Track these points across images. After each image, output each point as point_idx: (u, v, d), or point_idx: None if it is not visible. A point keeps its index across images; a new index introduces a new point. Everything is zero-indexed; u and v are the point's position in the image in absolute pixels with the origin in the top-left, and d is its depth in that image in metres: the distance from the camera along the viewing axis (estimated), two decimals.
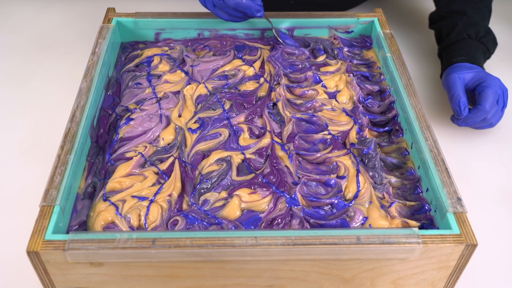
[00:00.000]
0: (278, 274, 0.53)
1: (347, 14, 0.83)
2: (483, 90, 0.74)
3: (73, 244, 0.50)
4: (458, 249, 0.51)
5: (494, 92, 0.73)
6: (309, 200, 0.59)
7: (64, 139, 0.60)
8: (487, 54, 0.86)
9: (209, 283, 0.54)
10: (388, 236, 0.51)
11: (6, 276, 0.62)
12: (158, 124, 0.67)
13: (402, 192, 0.62)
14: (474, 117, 0.74)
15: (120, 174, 0.61)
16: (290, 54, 0.80)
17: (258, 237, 0.51)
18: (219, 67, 0.77)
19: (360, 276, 0.54)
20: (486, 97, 0.73)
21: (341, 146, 0.66)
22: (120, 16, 0.81)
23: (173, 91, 0.73)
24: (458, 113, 0.74)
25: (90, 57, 0.72)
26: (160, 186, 0.60)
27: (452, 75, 0.77)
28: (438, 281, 0.55)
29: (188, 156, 0.64)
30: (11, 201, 0.70)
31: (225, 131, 0.67)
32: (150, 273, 0.53)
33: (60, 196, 0.54)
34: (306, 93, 0.73)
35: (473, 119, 0.74)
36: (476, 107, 0.74)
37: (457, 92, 0.75)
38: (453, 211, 0.54)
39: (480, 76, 0.76)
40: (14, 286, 0.61)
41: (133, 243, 0.50)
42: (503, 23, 1.08)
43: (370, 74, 0.76)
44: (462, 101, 0.74)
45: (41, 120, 0.82)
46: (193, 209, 0.58)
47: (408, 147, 0.65)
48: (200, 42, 0.82)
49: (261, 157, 0.65)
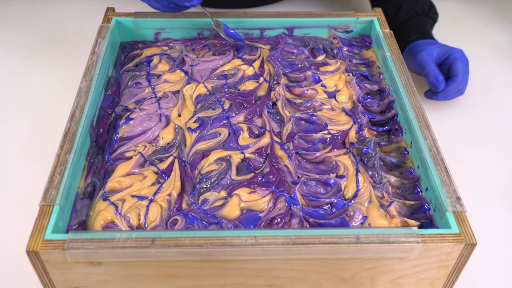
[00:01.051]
0: (277, 274, 0.53)
1: (346, 13, 0.83)
2: (453, 63, 0.80)
3: (72, 243, 0.50)
4: (457, 248, 0.51)
5: (463, 63, 0.80)
6: (309, 199, 0.59)
7: (64, 138, 0.60)
8: (433, 25, 0.91)
9: (209, 282, 0.54)
10: (388, 236, 0.51)
11: (6, 275, 0.62)
12: (158, 123, 0.67)
13: (401, 191, 0.62)
14: (452, 89, 0.79)
15: (120, 173, 0.61)
16: (289, 54, 0.80)
17: (257, 236, 0.51)
18: (218, 66, 0.77)
19: (359, 275, 0.54)
20: (458, 69, 0.79)
21: (341, 146, 0.66)
22: (120, 15, 0.81)
23: (173, 90, 0.73)
24: (437, 86, 0.79)
25: (90, 57, 0.72)
26: (159, 186, 0.60)
27: (421, 54, 0.82)
28: (438, 280, 0.55)
29: (188, 155, 0.64)
30: (10, 201, 0.70)
31: (224, 130, 0.67)
32: (150, 273, 0.53)
33: (60, 196, 0.54)
34: (305, 92, 0.73)
35: (451, 91, 0.80)
36: (452, 79, 0.79)
37: (431, 67, 0.80)
38: (452, 210, 0.54)
39: (445, 50, 0.82)
40: (14, 285, 0.61)
41: (132, 242, 0.50)
42: (503, 23, 1.08)
43: (370, 74, 0.76)
44: (438, 74, 0.80)
45: (40, 120, 0.82)
46: (192, 208, 0.58)
47: (408, 146, 0.65)
48: (199, 42, 0.82)
49: (260, 156, 0.65)
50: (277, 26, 0.82)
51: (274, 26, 0.82)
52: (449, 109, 0.87)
